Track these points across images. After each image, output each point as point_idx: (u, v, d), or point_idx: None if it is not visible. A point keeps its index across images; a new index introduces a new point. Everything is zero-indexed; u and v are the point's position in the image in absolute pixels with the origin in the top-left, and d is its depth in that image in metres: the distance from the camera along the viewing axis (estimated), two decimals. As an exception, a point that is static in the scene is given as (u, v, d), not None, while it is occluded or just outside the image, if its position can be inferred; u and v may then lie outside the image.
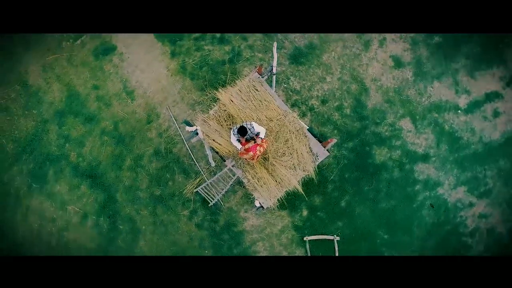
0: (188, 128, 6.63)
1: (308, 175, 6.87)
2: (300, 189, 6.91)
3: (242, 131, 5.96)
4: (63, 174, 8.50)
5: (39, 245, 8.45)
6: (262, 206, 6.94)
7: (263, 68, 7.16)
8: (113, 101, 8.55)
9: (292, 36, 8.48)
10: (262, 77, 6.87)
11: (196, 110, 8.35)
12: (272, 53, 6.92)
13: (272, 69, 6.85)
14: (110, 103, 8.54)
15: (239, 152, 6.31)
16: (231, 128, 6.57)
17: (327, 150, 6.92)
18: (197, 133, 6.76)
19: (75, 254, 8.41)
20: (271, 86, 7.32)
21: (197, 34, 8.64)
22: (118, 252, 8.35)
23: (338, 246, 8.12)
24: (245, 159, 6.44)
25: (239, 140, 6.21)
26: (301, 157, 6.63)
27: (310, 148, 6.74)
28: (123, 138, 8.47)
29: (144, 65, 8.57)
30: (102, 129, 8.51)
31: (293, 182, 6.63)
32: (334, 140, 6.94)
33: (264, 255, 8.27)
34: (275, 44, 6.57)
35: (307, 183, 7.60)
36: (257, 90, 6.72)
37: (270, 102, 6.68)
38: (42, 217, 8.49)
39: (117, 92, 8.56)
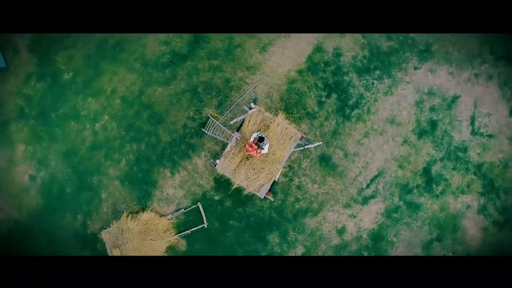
0: (252, 103, 9.84)
1: (245, 190, 10.03)
2: (233, 187, 10.06)
3: (261, 139, 9.28)
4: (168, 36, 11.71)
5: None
6: (216, 165, 10.10)
7: (305, 139, 10.32)
8: (253, 38, 11.62)
9: (339, 150, 11.50)
10: (299, 140, 10.04)
11: (265, 100, 11.42)
12: (316, 143, 10.13)
13: (305, 145, 10.05)
14: (253, 36, 11.59)
15: (247, 141, 9.55)
16: (259, 130, 9.79)
17: (264, 196, 10.09)
18: (251, 108, 9.94)
19: (121, 70, 11.52)
20: (296, 147, 10.44)
21: (329, 89, 11.67)
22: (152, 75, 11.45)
23: (198, 228, 11.23)
24: (244, 146, 9.65)
25: (254, 138, 9.44)
26: (255, 181, 9.82)
27: (263, 185, 9.90)
28: (229, 53, 11.56)
29: (291, 48, 11.46)
30: (231, 37, 11.61)
31: (238, 180, 9.80)
32: (272, 199, 10.08)
33: (177, 179, 11.32)
34: (321, 143, 9.78)
35: (239, 192, 10.73)
36: (290, 138, 9.88)
37: (285, 150, 9.85)
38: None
39: (261, 38, 11.63)
